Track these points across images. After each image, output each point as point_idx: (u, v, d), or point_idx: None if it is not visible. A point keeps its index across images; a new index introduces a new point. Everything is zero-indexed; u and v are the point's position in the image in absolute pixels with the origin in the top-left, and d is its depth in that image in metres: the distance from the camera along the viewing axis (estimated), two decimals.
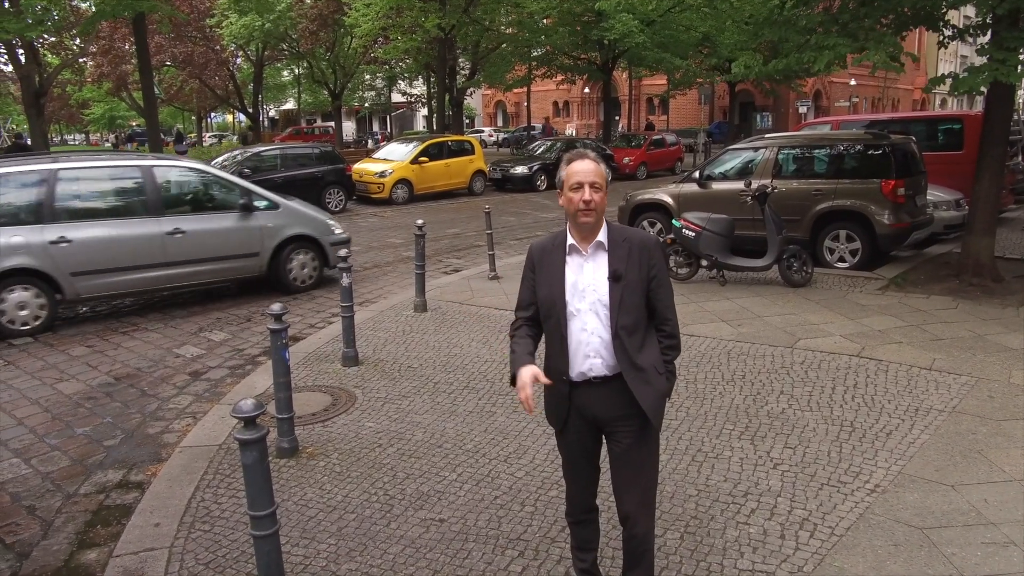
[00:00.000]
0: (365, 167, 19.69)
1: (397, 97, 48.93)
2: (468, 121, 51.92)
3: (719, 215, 8.72)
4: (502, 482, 4.22)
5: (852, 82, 45.95)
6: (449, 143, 21.12)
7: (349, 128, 58.47)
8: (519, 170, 22.24)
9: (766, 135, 11.56)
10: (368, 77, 44.57)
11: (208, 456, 4.69)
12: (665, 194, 10.83)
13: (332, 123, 43.16)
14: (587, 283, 2.73)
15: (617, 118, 47.98)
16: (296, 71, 43.84)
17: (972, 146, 9.88)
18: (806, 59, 8.16)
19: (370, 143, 41.04)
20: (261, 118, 44.04)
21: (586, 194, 2.66)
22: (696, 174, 10.68)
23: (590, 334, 2.73)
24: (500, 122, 65.04)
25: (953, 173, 11.02)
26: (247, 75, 40.82)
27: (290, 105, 56.85)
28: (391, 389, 5.72)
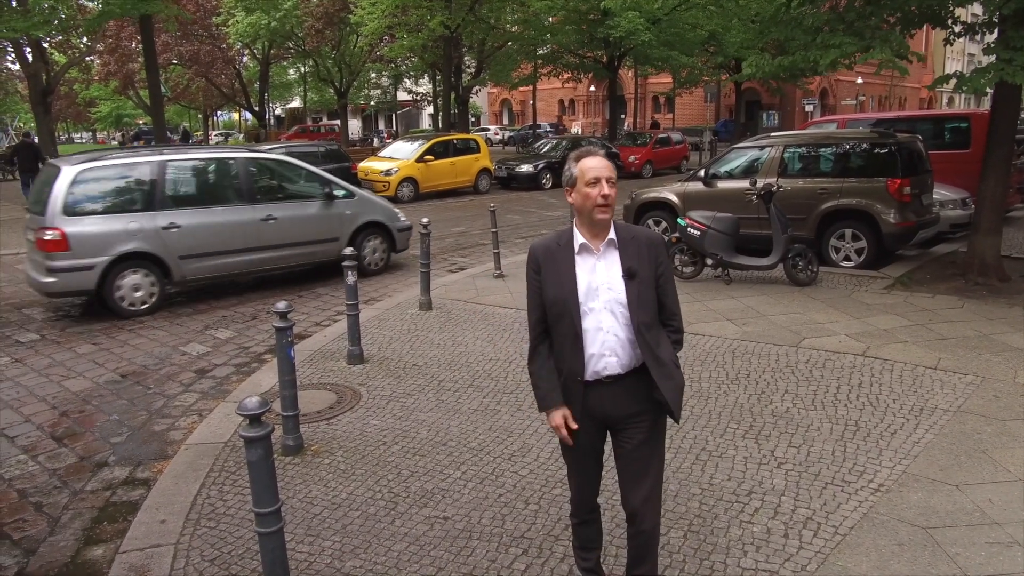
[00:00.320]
0: (371, 165, 19.72)
1: (403, 95, 49.01)
2: (474, 119, 51.94)
3: (724, 214, 8.71)
4: (506, 480, 4.23)
5: (859, 80, 45.82)
6: (454, 141, 21.14)
7: (355, 126, 58.58)
8: (524, 168, 22.25)
9: (771, 134, 11.54)
10: (374, 75, 44.66)
11: (214, 453, 4.71)
12: (670, 193, 10.82)
13: (338, 121, 43.24)
14: (601, 282, 2.72)
15: (623, 116, 47.95)
16: (302, 69, 43.92)
17: (979, 145, 9.84)
18: (812, 57, 8.14)
19: (376, 141, 41.11)
20: (267, 116, 44.13)
21: (604, 188, 2.66)
22: (702, 173, 10.67)
23: (606, 333, 2.72)
24: (506, 120, 65.04)
25: (960, 172, 10.98)
26: (253, 73, 40.95)
27: (296, 103, 56.96)
28: (396, 387, 5.74)
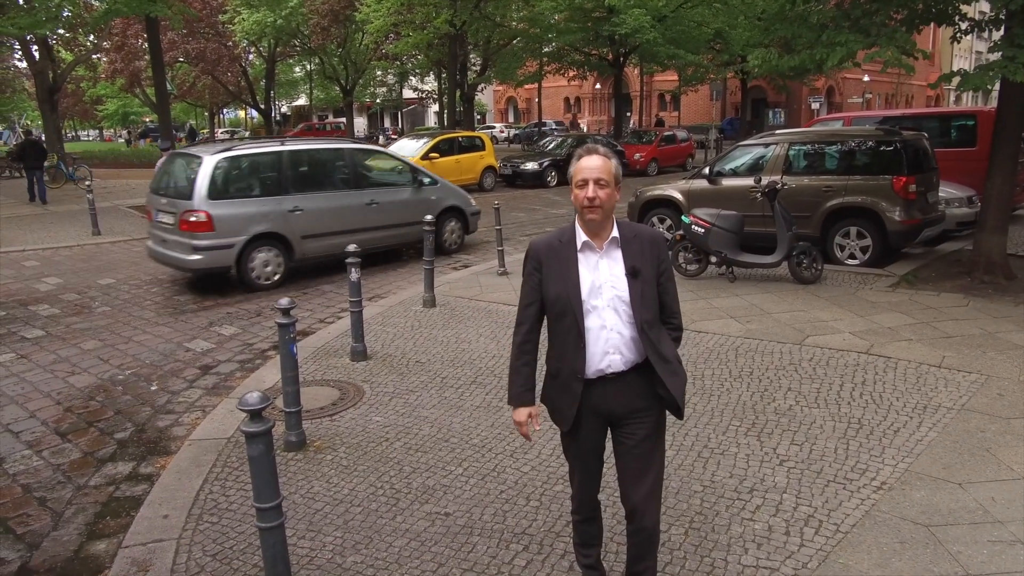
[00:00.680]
0: None
1: (408, 93, 49.02)
2: (479, 117, 51.91)
3: (729, 211, 8.69)
4: (508, 477, 4.23)
5: (865, 78, 45.62)
6: (460, 139, 21.14)
7: (361, 124, 58.60)
8: (530, 166, 22.24)
9: (777, 131, 11.50)
10: (379, 73, 44.68)
11: (217, 449, 4.73)
12: (675, 190, 10.80)
13: (343, 119, 43.26)
14: (604, 280, 2.71)
15: (628, 114, 47.85)
16: (308, 67, 43.97)
17: (985, 143, 9.79)
18: (818, 55, 8.11)
19: (381, 139, 41.11)
20: (273, 114, 44.18)
21: (590, 191, 2.64)
22: (706, 170, 10.64)
23: (609, 331, 2.71)
24: (511, 118, 65.02)
25: (966, 170, 10.93)
26: (259, 71, 40.98)
27: (302, 101, 57.02)
28: (399, 384, 5.74)
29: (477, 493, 4.06)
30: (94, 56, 34.51)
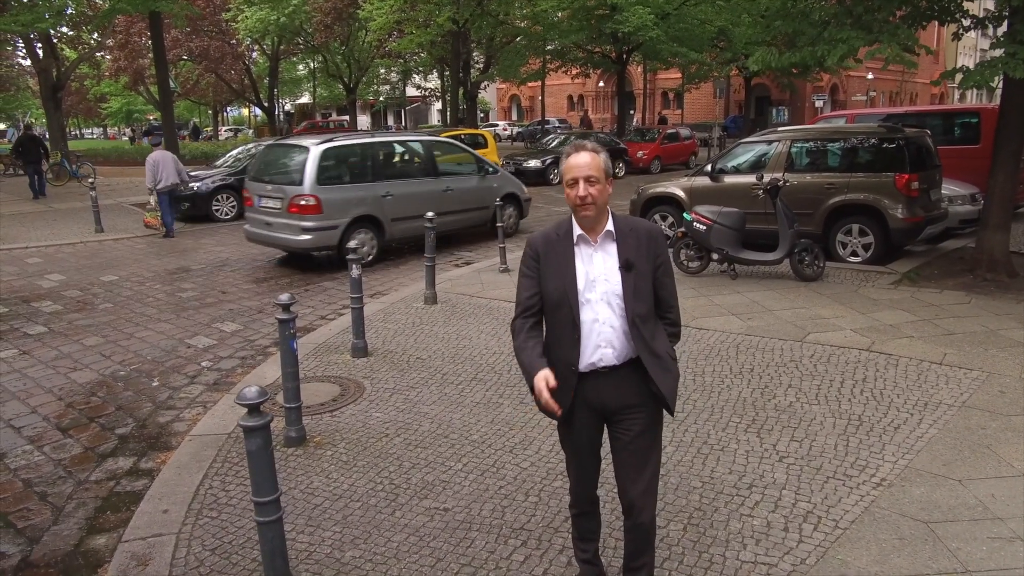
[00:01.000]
0: None
1: (412, 91, 49.00)
2: (483, 115, 51.88)
3: (730, 208, 8.67)
4: (507, 472, 4.23)
5: (869, 76, 45.49)
6: (462, 136, 21.08)
7: (364, 122, 58.60)
8: (532, 164, 22.23)
9: (779, 128, 11.48)
10: (383, 71, 44.67)
11: (217, 445, 4.74)
12: (677, 187, 10.78)
13: (347, 117, 43.27)
14: (598, 273, 2.71)
15: (632, 112, 47.80)
16: (311, 65, 43.98)
17: (989, 140, 9.75)
18: (819, 52, 8.09)
19: None
20: (277, 112, 44.20)
21: (580, 190, 2.63)
22: (708, 167, 10.63)
23: (602, 324, 2.71)
24: (515, 116, 64.98)
25: (969, 167, 10.89)
26: (262, 69, 40.99)
27: (305, 99, 57.03)
28: (399, 380, 5.75)
29: (476, 489, 4.07)
30: (98, 54, 34.53)
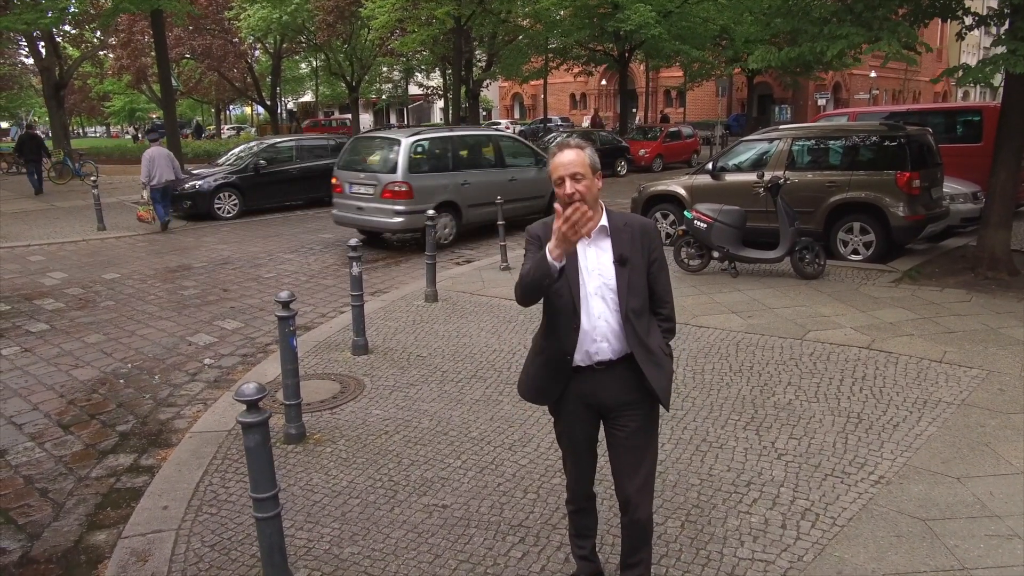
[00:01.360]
0: None
1: (414, 89, 48.93)
2: (485, 113, 51.81)
3: (731, 206, 8.67)
4: (505, 469, 4.24)
5: (872, 74, 45.40)
6: None
7: (367, 120, 58.61)
8: None
9: (780, 126, 11.47)
10: (385, 69, 44.59)
11: (217, 441, 4.75)
12: (678, 185, 10.78)
13: (349, 115, 43.27)
14: (592, 267, 2.71)
15: (634, 110, 47.75)
16: (314, 63, 43.94)
17: (990, 138, 9.72)
18: (818, 48, 8.08)
19: None
20: (279, 110, 44.21)
21: (567, 188, 2.60)
22: (709, 165, 10.62)
23: (596, 318, 2.71)
24: (517, 114, 64.91)
25: (971, 166, 10.87)
26: (265, 67, 41.02)
27: (308, 97, 57.02)
28: (399, 377, 5.76)
29: (475, 486, 4.08)
30: (100, 52, 34.57)
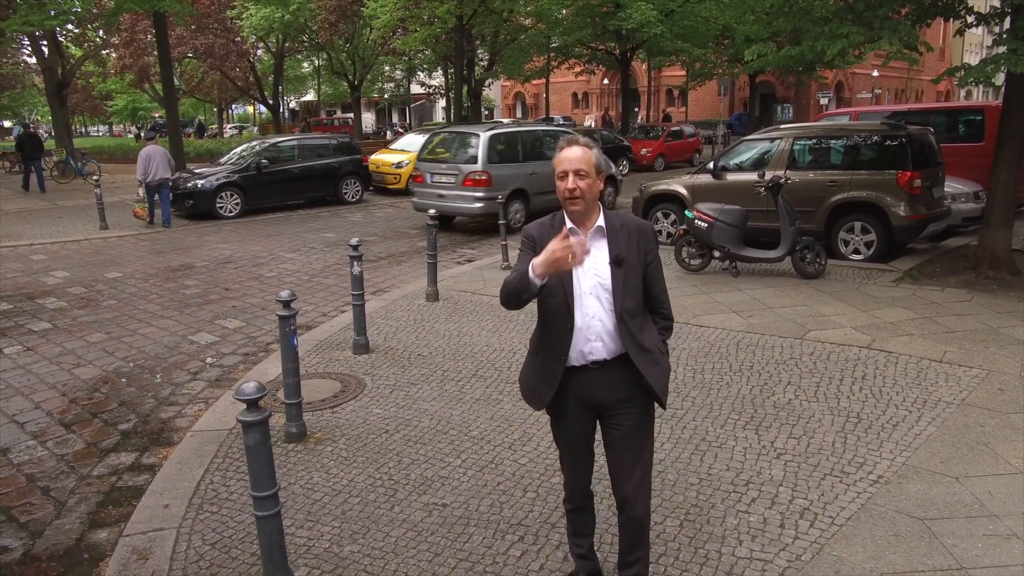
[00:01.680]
0: (382, 158, 19.74)
1: (416, 88, 48.93)
2: (487, 112, 51.84)
3: (732, 206, 8.67)
4: (505, 468, 4.26)
5: (875, 73, 45.35)
6: None
7: (369, 119, 58.62)
8: None
9: (781, 125, 11.46)
10: (387, 68, 44.60)
11: (218, 440, 4.77)
12: (679, 185, 10.78)
13: (351, 114, 43.28)
14: (588, 267, 2.72)
15: (636, 109, 47.73)
16: (316, 62, 43.96)
17: (992, 138, 9.72)
18: (819, 47, 8.07)
19: (389, 134, 41.11)
20: (281, 109, 44.22)
21: (569, 182, 2.66)
22: (710, 165, 10.63)
23: (591, 318, 2.73)
24: (519, 113, 64.88)
25: (973, 165, 10.86)
26: (267, 67, 41.00)
27: (310, 96, 57.05)
28: (400, 377, 5.78)
29: (475, 484, 4.09)
30: (103, 52, 34.60)
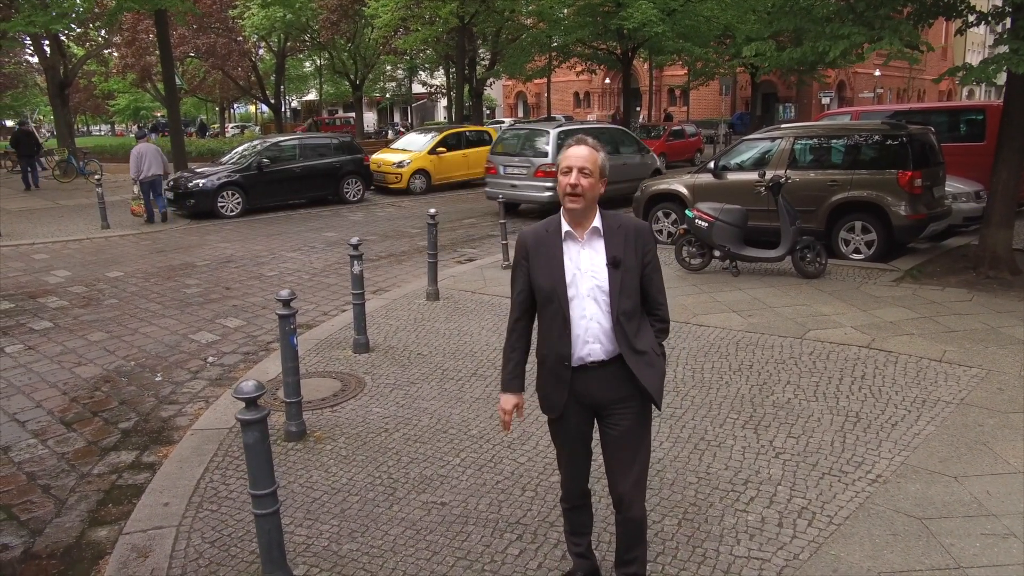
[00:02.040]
0: (383, 157, 19.76)
1: (418, 88, 48.96)
2: (489, 112, 51.86)
3: (732, 205, 8.67)
4: (504, 467, 4.27)
5: (876, 73, 45.28)
6: (467, 133, 21.11)
7: (371, 119, 58.65)
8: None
9: (781, 125, 11.46)
10: (389, 68, 44.63)
11: (218, 439, 4.78)
12: (680, 184, 10.79)
13: (353, 113, 43.32)
14: (585, 269, 2.74)
15: (638, 109, 47.72)
16: (317, 62, 43.98)
17: (993, 137, 9.72)
18: (820, 48, 8.08)
19: (391, 134, 41.13)
20: (283, 109, 44.24)
21: (572, 178, 2.67)
22: (711, 164, 10.62)
23: (588, 320, 2.74)
24: (521, 113, 64.90)
25: (974, 164, 10.86)
26: (269, 66, 41.01)
27: (312, 96, 57.08)
28: (400, 376, 5.79)
29: (473, 483, 4.10)
30: (105, 51, 34.64)
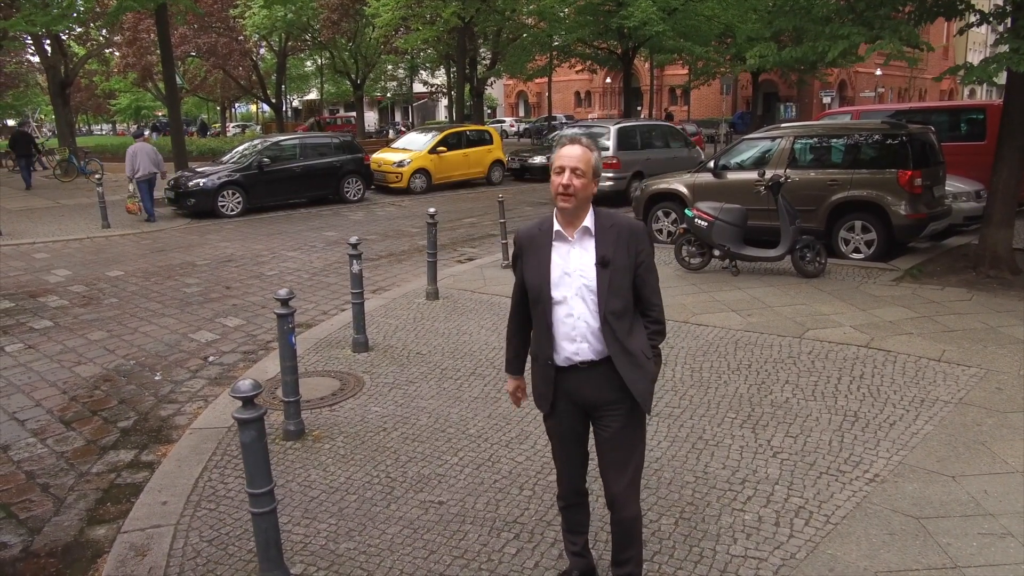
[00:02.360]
0: (384, 156, 19.76)
1: (419, 87, 48.98)
2: (489, 111, 51.88)
3: (732, 205, 8.67)
4: (502, 466, 4.27)
5: (878, 72, 45.23)
6: (467, 133, 21.12)
7: (372, 118, 58.67)
8: (537, 160, 22.16)
9: (781, 124, 11.46)
10: (390, 67, 44.65)
11: (217, 438, 4.79)
12: (680, 183, 10.78)
13: (354, 113, 43.33)
14: (574, 268, 2.74)
15: (639, 108, 47.71)
16: (318, 61, 43.98)
17: (994, 136, 9.70)
18: (820, 48, 8.07)
19: (391, 133, 41.13)
20: (284, 108, 44.23)
21: (565, 178, 2.67)
22: (711, 164, 10.62)
23: (576, 319, 2.74)
24: (522, 112, 64.93)
25: (975, 164, 10.85)
26: (270, 65, 41.04)
27: (313, 95, 57.09)
28: (399, 375, 5.79)
29: (471, 482, 4.10)
30: (106, 50, 34.67)
